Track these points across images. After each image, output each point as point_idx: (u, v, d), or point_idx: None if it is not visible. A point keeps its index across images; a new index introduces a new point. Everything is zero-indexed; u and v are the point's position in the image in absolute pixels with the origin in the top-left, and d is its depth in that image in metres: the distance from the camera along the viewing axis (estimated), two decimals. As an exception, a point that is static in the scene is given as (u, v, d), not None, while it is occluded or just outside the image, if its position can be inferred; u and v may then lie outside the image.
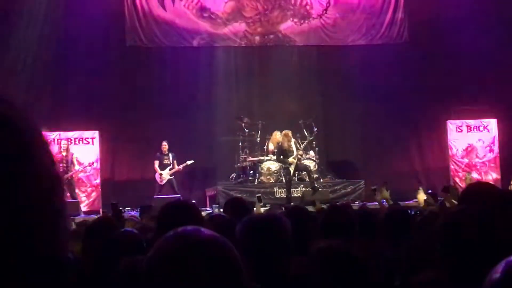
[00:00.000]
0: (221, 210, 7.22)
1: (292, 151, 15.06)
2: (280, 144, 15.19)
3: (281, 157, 15.05)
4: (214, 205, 14.81)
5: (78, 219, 11.20)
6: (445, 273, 2.23)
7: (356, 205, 12.98)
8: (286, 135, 15.14)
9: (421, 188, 11.83)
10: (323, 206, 9.11)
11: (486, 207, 2.40)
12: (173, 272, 1.35)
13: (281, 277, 2.64)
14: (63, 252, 1.29)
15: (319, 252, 2.67)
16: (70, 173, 14.99)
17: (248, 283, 1.46)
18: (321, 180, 16.17)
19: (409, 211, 8.23)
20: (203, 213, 8.00)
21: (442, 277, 2.25)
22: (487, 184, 3.48)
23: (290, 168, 14.86)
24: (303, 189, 15.43)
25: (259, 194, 12.27)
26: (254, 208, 9.07)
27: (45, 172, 1.17)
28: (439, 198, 10.30)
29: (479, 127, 17.60)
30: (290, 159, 14.90)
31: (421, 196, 10.46)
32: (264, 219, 2.79)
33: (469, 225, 2.22)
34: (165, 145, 15.78)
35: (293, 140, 15.35)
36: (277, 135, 15.76)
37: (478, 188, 3.25)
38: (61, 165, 14.96)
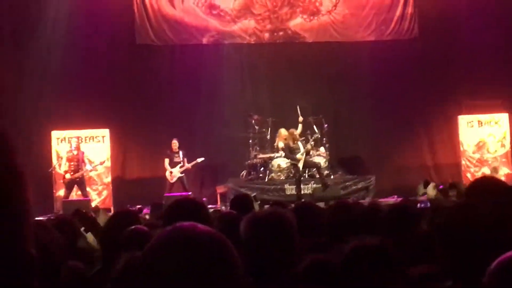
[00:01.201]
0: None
1: (299, 148, 15.05)
2: (286, 142, 15.20)
3: (290, 154, 15.05)
4: (221, 204, 14.82)
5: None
6: (440, 267, 2.23)
7: (366, 201, 12.98)
8: (290, 134, 15.17)
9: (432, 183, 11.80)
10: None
11: (490, 202, 2.40)
12: (167, 266, 1.36)
13: (286, 274, 2.64)
14: (26, 248, 1.30)
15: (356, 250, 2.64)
16: (81, 172, 15.04)
17: (243, 279, 1.46)
18: (332, 177, 16.15)
19: (420, 205, 8.22)
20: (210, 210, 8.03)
21: (437, 271, 2.25)
22: (493, 179, 3.47)
23: (299, 165, 14.85)
24: (314, 185, 15.43)
25: (254, 194, 12.26)
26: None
27: (5, 169, 1.18)
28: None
29: (490, 122, 17.53)
30: (298, 156, 14.89)
31: (431, 191, 10.42)
32: (267, 216, 2.78)
33: (469, 221, 2.21)
34: (175, 143, 15.79)
35: (298, 138, 15.31)
36: (282, 132, 15.73)
37: (483, 183, 3.24)
38: (72, 163, 15.04)
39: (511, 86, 17.04)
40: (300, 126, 15.55)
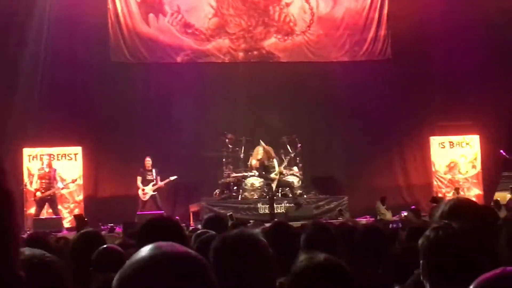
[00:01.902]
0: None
1: (274, 167, 15.06)
2: (261, 160, 15.20)
3: (263, 173, 15.05)
4: (197, 222, 14.75)
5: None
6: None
7: (339, 221, 13.01)
8: (267, 152, 15.17)
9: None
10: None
11: (467, 223, 2.42)
12: (144, 286, 1.33)
13: None
14: (13, 269, 1.27)
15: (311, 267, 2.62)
16: (52, 190, 14.88)
17: None
18: (305, 196, 16.18)
19: (392, 225, 8.28)
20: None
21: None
22: (466, 200, 3.49)
23: (272, 184, 14.85)
24: (287, 205, 15.43)
25: (230, 213, 12.23)
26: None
27: None
28: (422, 214, 10.37)
29: (462, 143, 17.71)
30: (272, 175, 14.89)
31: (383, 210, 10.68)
32: (236, 237, 2.72)
33: (455, 242, 2.23)
34: (148, 161, 15.72)
35: (275, 157, 15.35)
36: (259, 151, 15.81)
37: (457, 204, 3.26)
38: (43, 181, 14.89)
39: (482, 108, 17.23)
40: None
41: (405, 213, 13.93)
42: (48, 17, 16.46)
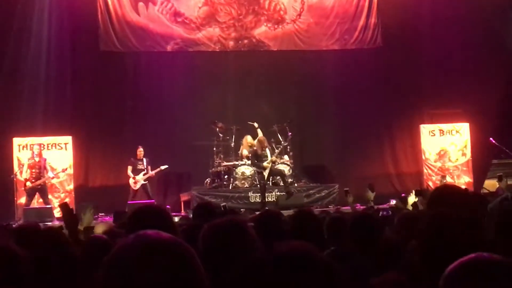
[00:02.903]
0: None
1: (267, 156, 15.07)
2: (254, 149, 15.22)
3: (256, 161, 15.06)
4: (189, 211, 14.75)
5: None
6: (405, 274, 2.26)
7: (330, 209, 13.05)
8: (260, 141, 15.17)
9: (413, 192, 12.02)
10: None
11: (454, 209, 2.44)
12: (130, 273, 1.33)
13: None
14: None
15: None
16: (43, 179, 14.84)
17: None
18: (296, 185, 16.19)
19: (382, 213, 8.32)
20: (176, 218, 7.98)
21: (402, 278, 2.28)
22: (453, 186, 3.53)
23: (264, 173, 14.87)
24: (278, 193, 15.46)
25: (224, 204, 12.25)
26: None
27: None
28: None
29: (452, 131, 17.76)
30: (265, 164, 14.90)
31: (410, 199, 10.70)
32: (223, 225, 2.73)
33: (444, 228, 2.26)
34: (140, 151, 15.69)
35: (267, 146, 15.36)
36: (248, 140, 15.84)
37: (445, 191, 3.29)
38: (33, 170, 14.84)
39: (471, 96, 17.27)
40: (259, 131, 15.66)
41: (394, 201, 13.96)
42: (37, 6, 16.37)
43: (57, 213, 15.22)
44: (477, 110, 17.45)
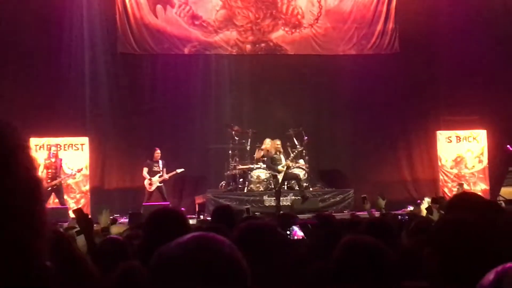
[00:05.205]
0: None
1: (281, 160, 15.06)
2: (269, 152, 15.21)
3: (271, 164, 15.05)
4: (201, 213, 14.75)
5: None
6: (430, 283, 2.24)
7: (345, 214, 13.03)
8: (275, 147, 15.17)
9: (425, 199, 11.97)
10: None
11: (472, 216, 2.43)
12: (190, 275, 1.36)
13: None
14: (41, 260, 1.28)
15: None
16: (58, 179, 14.91)
17: None
18: (311, 189, 16.18)
19: (399, 217, 8.28)
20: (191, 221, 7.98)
21: (423, 285, 2.27)
22: (472, 194, 3.50)
23: (279, 177, 14.85)
24: (293, 197, 15.44)
25: (248, 206, 12.24)
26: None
27: (25, 177, 1.16)
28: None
29: (468, 137, 17.66)
30: (279, 168, 14.89)
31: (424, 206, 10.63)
32: (261, 227, 2.77)
33: (461, 235, 2.24)
34: (158, 153, 15.69)
35: (281, 150, 15.34)
36: (267, 143, 15.84)
37: (464, 199, 3.27)
38: (49, 171, 14.90)
39: (489, 103, 17.17)
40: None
41: (411, 207, 13.90)
42: (57, 8, 16.46)
43: (73, 213, 15.28)
44: (494, 117, 17.34)
